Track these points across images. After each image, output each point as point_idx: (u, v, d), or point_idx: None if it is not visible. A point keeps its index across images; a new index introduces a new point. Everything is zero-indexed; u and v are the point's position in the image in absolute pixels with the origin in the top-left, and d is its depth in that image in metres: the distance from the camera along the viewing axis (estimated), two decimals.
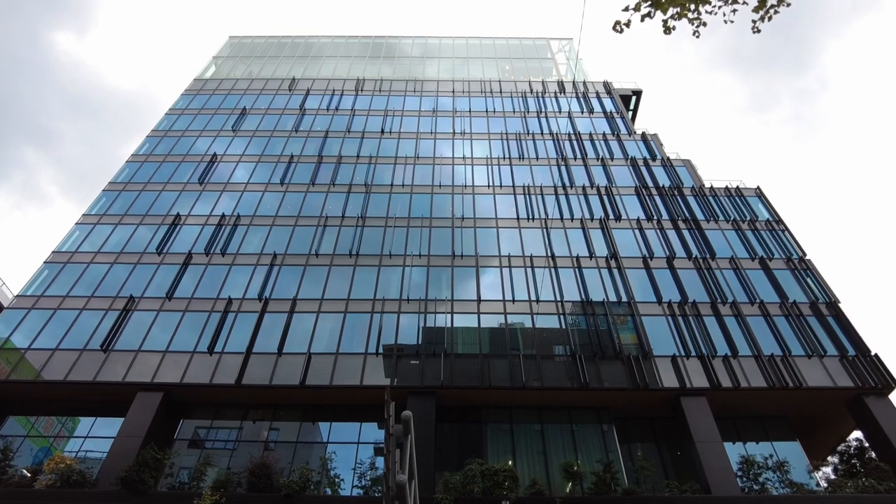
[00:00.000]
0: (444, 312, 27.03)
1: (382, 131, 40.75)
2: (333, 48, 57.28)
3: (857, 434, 25.78)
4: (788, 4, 7.73)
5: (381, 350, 25.29)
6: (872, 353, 25.51)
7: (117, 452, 21.18)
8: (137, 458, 20.26)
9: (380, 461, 22.29)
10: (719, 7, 7.71)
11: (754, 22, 7.98)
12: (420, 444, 21.91)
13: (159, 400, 23.31)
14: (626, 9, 7.76)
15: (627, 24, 7.70)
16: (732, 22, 7.89)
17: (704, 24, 7.74)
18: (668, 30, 7.82)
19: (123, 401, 23.49)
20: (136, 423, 22.43)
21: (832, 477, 25.01)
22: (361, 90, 46.94)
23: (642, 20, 7.62)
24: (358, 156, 37.96)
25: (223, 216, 32.99)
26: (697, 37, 8.01)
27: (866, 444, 24.61)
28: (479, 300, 27.63)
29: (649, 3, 7.48)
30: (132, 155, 38.53)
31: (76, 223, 32.77)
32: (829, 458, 27.03)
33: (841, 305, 27.94)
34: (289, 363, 24.81)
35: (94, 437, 23.46)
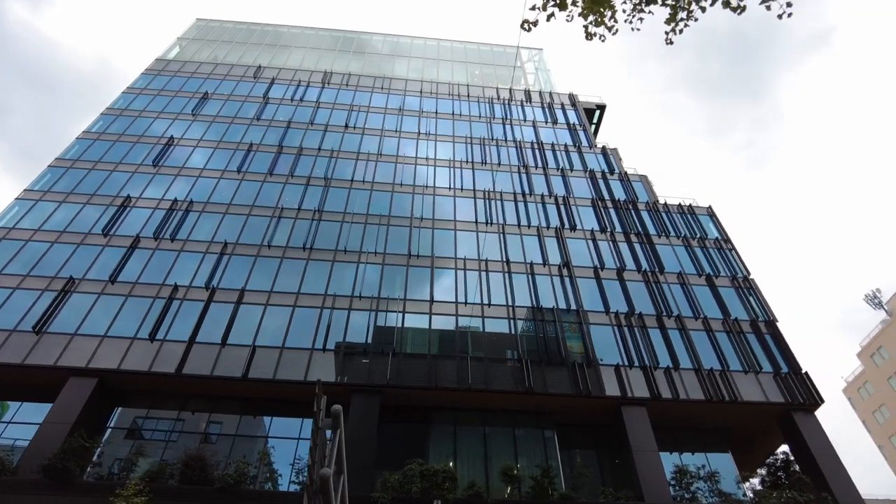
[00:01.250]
0: (395, 311, 26.93)
1: (346, 126, 40.40)
2: (302, 39, 56.53)
3: (785, 448, 26.86)
4: (696, 20, 8.06)
5: (328, 346, 24.99)
6: (803, 371, 26.59)
7: (43, 439, 20.27)
8: (63, 446, 19.45)
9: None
10: (631, 15, 8.04)
11: (667, 34, 8.27)
12: (362, 443, 21.79)
13: (93, 386, 22.44)
14: (534, 7, 8.01)
15: (535, 24, 7.95)
16: (639, 30, 8.22)
17: (615, 32, 8.08)
18: (589, 35, 8.07)
19: (55, 386, 22.52)
20: (66, 408, 21.54)
21: (758, 488, 25.97)
22: (328, 83, 46.43)
23: (548, 20, 7.90)
24: (319, 149, 37.51)
25: (175, 201, 32.09)
26: (603, 40, 8.31)
27: (792, 458, 25.63)
28: (431, 301, 27.64)
29: (553, 3, 7.76)
30: (83, 132, 37.09)
31: (16, 198, 31.33)
32: (759, 471, 28.05)
33: (778, 324, 29.06)
34: (232, 355, 24.27)
35: (20, 423, 22.39)
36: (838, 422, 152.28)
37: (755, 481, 26.65)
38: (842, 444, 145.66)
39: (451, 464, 23.14)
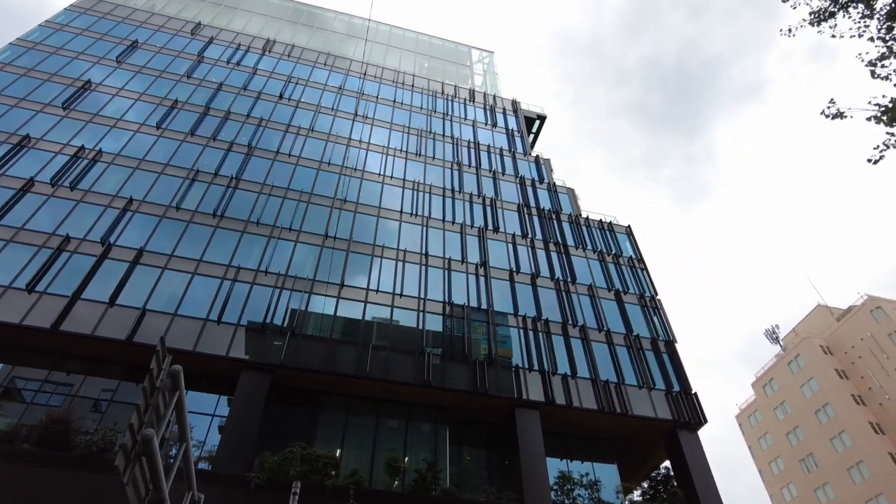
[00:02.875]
0: (301, 291, 26.09)
1: (281, 96, 39.00)
2: (250, 2, 54.26)
3: (668, 463, 27.97)
4: None
5: (225, 319, 23.90)
6: (693, 392, 27.78)
7: None
8: None
9: (197, 432, 21.00)
10: None
11: None
12: (245, 422, 20.98)
13: None
14: None
15: None
16: None
17: None
18: None
19: None
20: None
21: (637, 499, 26.95)
22: (269, 51, 44.70)
23: None
24: (248, 115, 35.99)
25: (82, 148, 29.88)
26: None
27: (672, 473, 26.71)
28: (341, 285, 26.99)
29: None
30: None
31: None
32: (643, 484, 29.11)
33: (677, 345, 30.24)
34: (120, 316, 22.76)
35: None
36: (731, 444, 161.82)
37: (637, 493, 27.65)
38: (732, 467, 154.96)
39: (338, 451, 22.66)
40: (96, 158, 29.70)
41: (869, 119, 10.73)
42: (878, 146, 10.85)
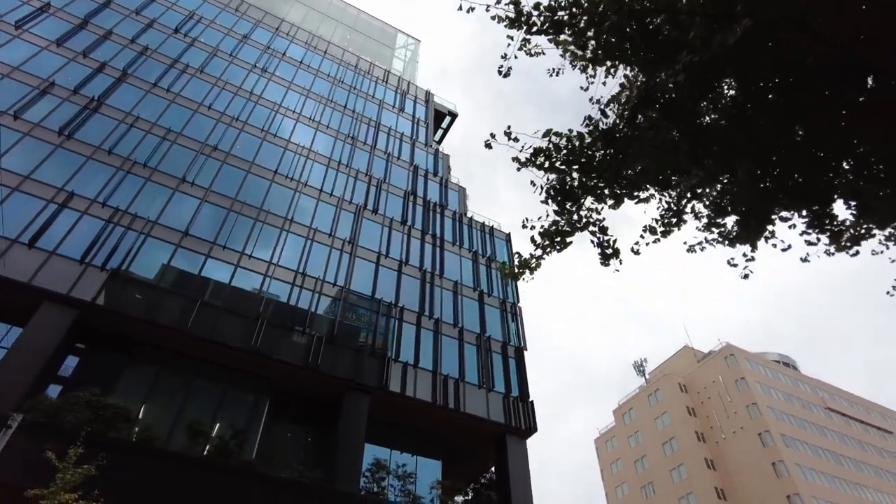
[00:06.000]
0: (137, 231, 23.89)
1: (176, 30, 36.08)
2: None
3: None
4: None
5: (39, 245, 21.32)
6: (530, 399, 28.10)
7: None
8: None
9: None
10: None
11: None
12: (27, 356, 18.69)
13: None
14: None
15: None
16: None
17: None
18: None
19: None
20: None
21: (459, 499, 26.88)
22: None
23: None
24: (132, 40, 32.88)
25: None
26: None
27: (495, 478, 26.84)
28: (185, 233, 24.93)
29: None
30: None
31: None
32: (473, 485, 29.13)
33: (526, 353, 30.57)
34: None
35: None
36: (592, 470, 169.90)
37: (460, 499, 27.54)
38: (590, 488, 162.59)
39: (142, 405, 20.83)
40: None
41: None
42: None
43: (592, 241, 9.11)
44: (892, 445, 76.63)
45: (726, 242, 9.22)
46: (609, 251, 9.09)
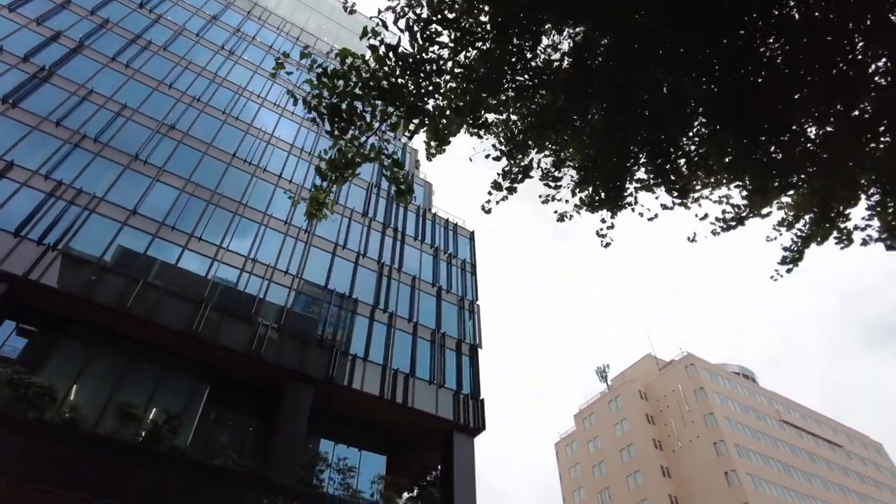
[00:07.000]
0: (80, 206, 22.98)
1: (141, 5, 35.02)
2: None
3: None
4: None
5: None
6: (481, 398, 27.86)
7: None
8: None
9: None
10: None
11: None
12: None
13: None
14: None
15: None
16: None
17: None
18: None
19: None
20: None
21: (406, 495, 26.53)
22: None
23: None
24: (92, 12, 31.76)
25: None
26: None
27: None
28: (132, 212, 24.11)
29: None
30: None
31: None
32: (420, 482, 28.78)
33: (480, 351, 30.34)
34: None
35: None
36: (550, 474, 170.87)
37: (405, 496, 27.20)
38: (549, 493, 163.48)
39: (73, 386, 20.02)
40: None
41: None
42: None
43: (385, 175, 8.86)
44: (841, 459, 78.53)
45: (590, 209, 9.29)
46: (403, 186, 8.87)
